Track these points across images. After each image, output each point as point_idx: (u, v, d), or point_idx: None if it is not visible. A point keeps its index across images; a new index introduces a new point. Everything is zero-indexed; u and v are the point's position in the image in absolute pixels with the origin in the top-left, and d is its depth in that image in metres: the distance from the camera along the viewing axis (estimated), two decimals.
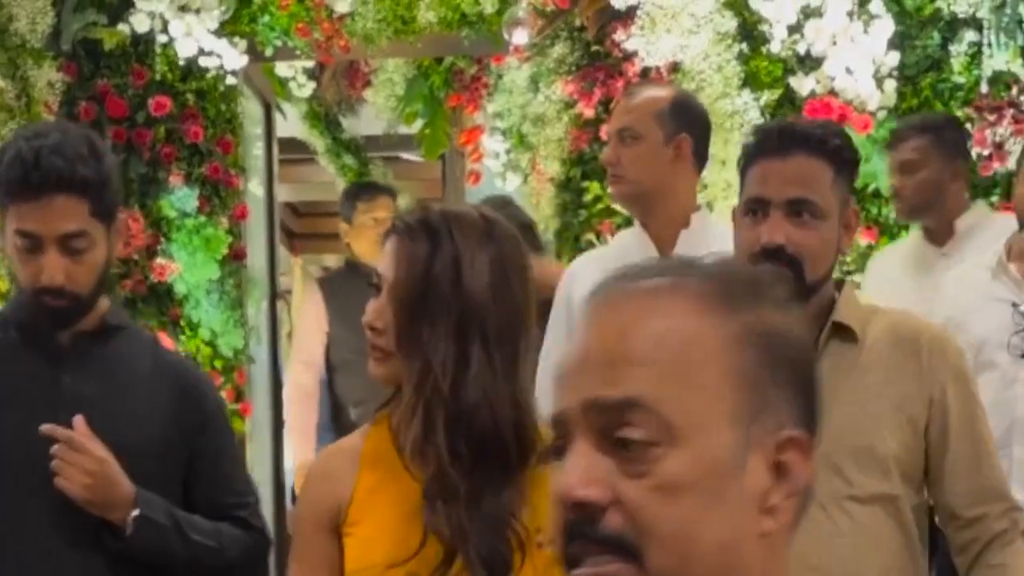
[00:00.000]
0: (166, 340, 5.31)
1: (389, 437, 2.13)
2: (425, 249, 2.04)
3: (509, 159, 6.39)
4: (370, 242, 5.67)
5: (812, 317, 2.46)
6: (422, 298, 2.05)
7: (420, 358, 2.06)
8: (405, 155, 8.45)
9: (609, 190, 4.16)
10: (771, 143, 2.44)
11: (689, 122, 3.36)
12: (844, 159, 2.51)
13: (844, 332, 2.45)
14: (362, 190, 6.31)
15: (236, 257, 5.69)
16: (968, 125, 5.13)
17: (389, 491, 2.09)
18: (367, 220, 5.99)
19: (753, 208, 2.44)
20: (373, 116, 7.29)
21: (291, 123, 7.42)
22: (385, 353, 2.10)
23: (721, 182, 5.16)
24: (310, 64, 6.90)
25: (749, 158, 2.50)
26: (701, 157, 3.42)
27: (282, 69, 7.03)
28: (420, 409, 2.07)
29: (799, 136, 2.45)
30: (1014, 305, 3.74)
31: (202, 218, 5.53)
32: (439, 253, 2.04)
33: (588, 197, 5.37)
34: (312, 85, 7.23)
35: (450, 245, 2.05)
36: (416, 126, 7.14)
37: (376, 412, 2.21)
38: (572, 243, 5.38)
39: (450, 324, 2.05)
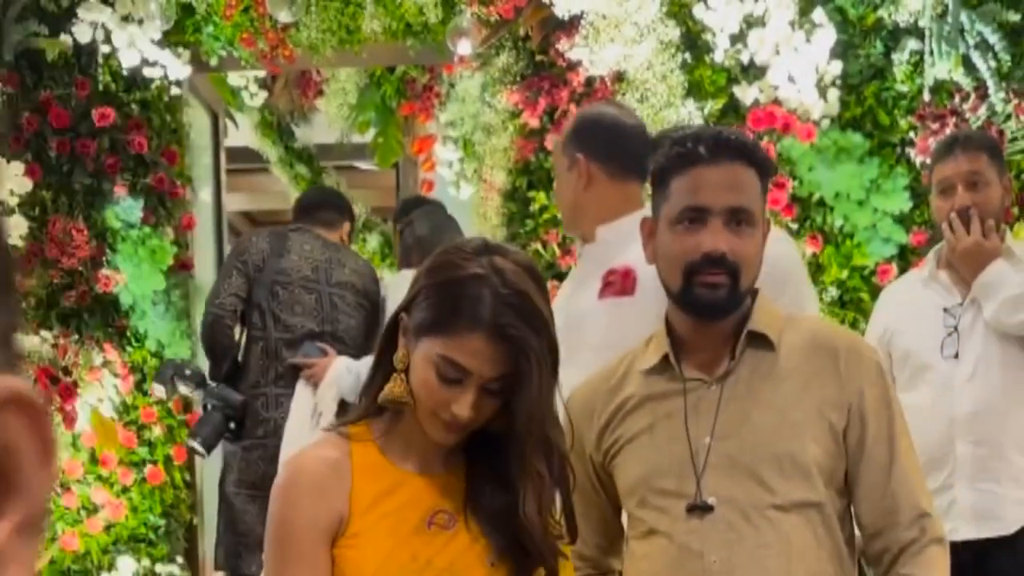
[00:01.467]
0: (111, 351, 5.32)
1: (376, 450, 2.12)
2: None
3: (462, 168, 6.40)
4: None
5: (731, 326, 2.46)
6: None
7: None
8: (359, 164, 8.44)
9: None
10: (704, 151, 2.42)
11: (583, 141, 3.29)
12: (767, 169, 2.51)
13: (761, 340, 2.44)
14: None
15: (182, 267, 5.68)
16: (911, 134, 5.19)
17: (388, 509, 2.07)
18: None
19: (691, 216, 2.42)
20: (326, 125, 7.29)
21: (244, 132, 7.41)
22: None
23: None
24: (262, 73, 6.90)
25: (677, 166, 2.46)
26: (614, 168, 3.33)
27: (233, 79, 7.03)
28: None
29: (733, 145, 2.44)
30: (945, 310, 3.80)
31: (147, 229, 5.55)
32: None
33: (534, 207, 5.40)
34: (264, 94, 7.24)
35: None
36: (369, 135, 7.13)
37: (345, 424, 2.17)
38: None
39: None
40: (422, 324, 2.03)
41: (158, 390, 5.01)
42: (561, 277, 5.16)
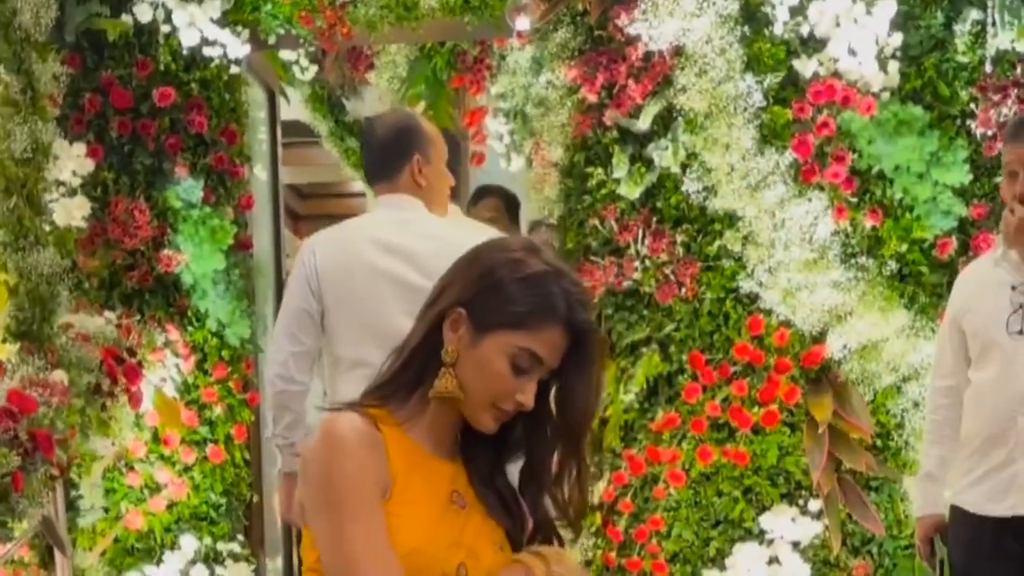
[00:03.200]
0: (172, 331, 5.37)
1: (401, 432, 2.14)
2: None
3: (513, 141, 6.36)
4: None
5: None
6: None
7: None
8: None
9: None
10: None
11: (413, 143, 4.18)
12: None
13: None
14: (474, 194, 6.24)
15: (242, 247, 5.70)
16: (972, 105, 5.16)
17: (421, 485, 2.09)
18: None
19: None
20: (376, 98, 7.26)
21: (294, 106, 7.39)
22: None
23: (724, 166, 5.17)
24: (313, 48, 6.86)
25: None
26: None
27: (285, 53, 6.97)
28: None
29: None
30: (1012, 288, 3.81)
31: (207, 208, 5.57)
32: None
33: (592, 183, 5.40)
34: (315, 68, 7.18)
35: None
36: (420, 108, 7.10)
37: (365, 406, 2.17)
38: (577, 229, 5.41)
39: None
40: (501, 319, 2.09)
41: None
42: (618, 253, 5.26)
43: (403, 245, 3.98)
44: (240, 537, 5.65)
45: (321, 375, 4.23)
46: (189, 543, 5.54)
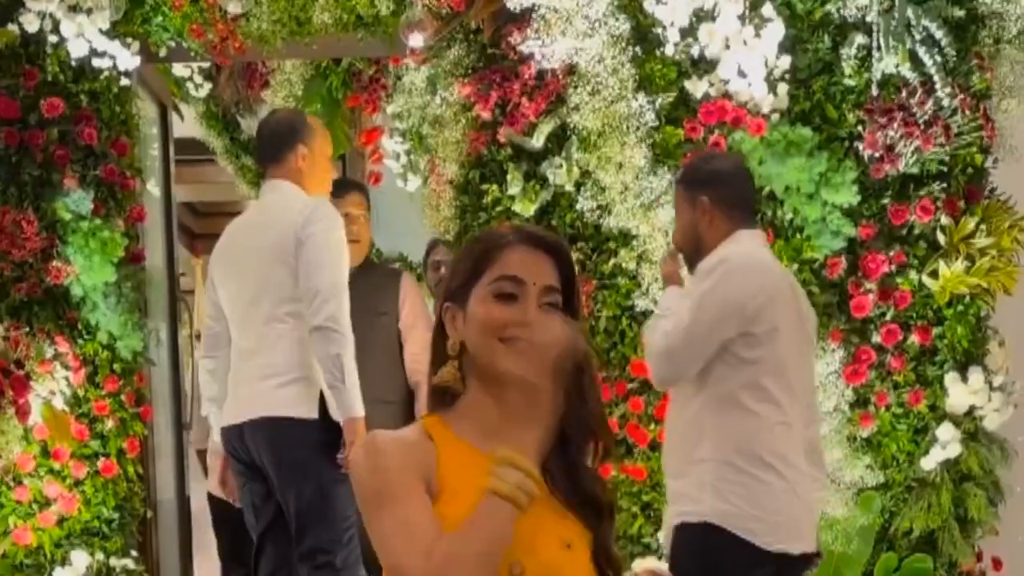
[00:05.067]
0: (62, 343, 5.30)
1: (453, 435, 2.14)
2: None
3: (409, 160, 6.37)
4: None
5: None
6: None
7: None
8: None
9: None
10: None
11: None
12: None
13: None
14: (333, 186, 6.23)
15: (134, 259, 5.63)
16: (859, 128, 5.23)
17: (470, 487, 2.01)
18: None
19: None
20: None
21: (189, 123, 7.34)
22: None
23: (618, 184, 5.21)
24: (207, 64, 6.84)
25: None
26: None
27: (178, 69, 6.98)
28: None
29: None
30: None
31: (98, 220, 5.47)
32: None
33: (487, 200, 5.42)
34: (209, 86, 7.17)
35: None
36: None
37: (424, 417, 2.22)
38: None
39: None
40: (470, 277, 2.15)
41: None
42: None
43: (263, 221, 4.60)
44: (134, 553, 5.56)
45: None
46: (80, 559, 5.44)
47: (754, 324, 3.78)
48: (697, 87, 5.25)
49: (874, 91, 5.24)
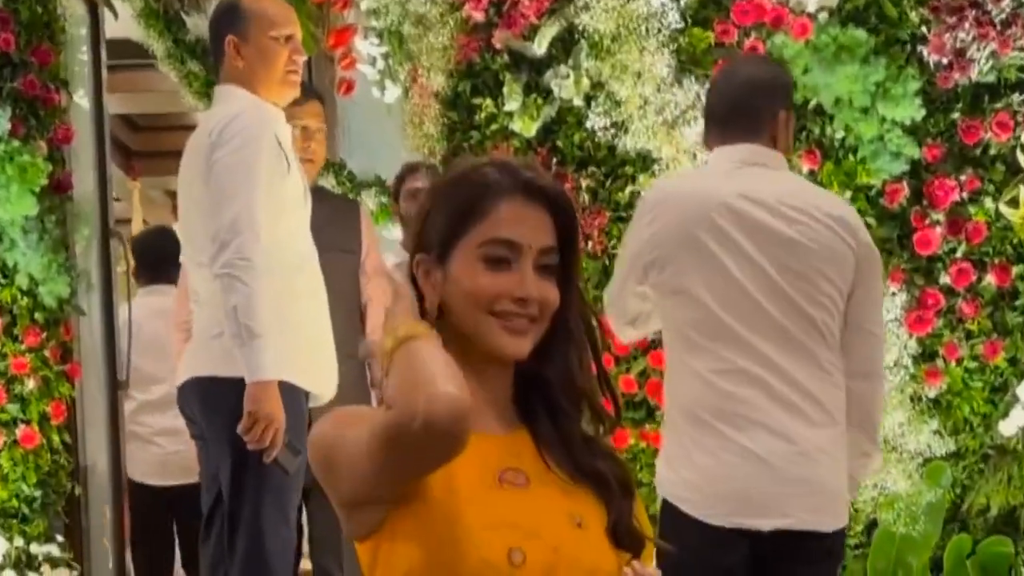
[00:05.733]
0: None
1: None
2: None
3: (388, 66, 5.91)
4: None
5: None
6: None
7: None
8: None
9: None
10: None
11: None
12: None
13: None
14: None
15: (59, 188, 5.37)
16: (923, 29, 4.97)
17: (456, 474, 1.91)
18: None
19: None
20: None
21: (124, 23, 6.67)
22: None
23: (636, 98, 4.97)
24: None
25: None
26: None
27: None
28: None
29: None
30: None
31: (16, 143, 5.20)
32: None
33: (480, 117, 5.18)
34: None
35: None
36: None
37: None
38: None
39: None
40: (452, 229, 1.98)
41: None
42: None
43: (191, 145, 4.08)
44: (59, 538, 5.33)
45: None
46: None
47: (654, 269, 3.47)
48: None
49: None
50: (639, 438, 4.97)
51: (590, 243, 4.97)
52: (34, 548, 5.21)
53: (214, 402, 4.02)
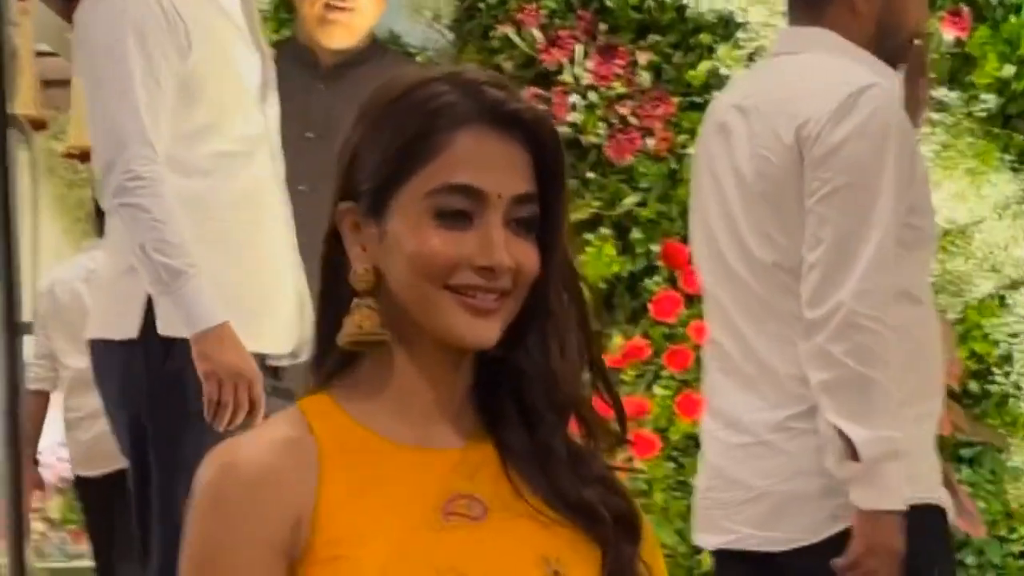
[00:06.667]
0: None
1: (348, 421, 1.68)
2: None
3: None
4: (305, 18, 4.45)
5: None
6: None
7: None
8: None
9: None
10: None
11: None
12: None
13: None
14: None
15: None
16: None
17: (380, 499, 1.63)
18: None
19: None
20: None
21: None
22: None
23: None
24: None
25: None
26: None
27: None
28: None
29: None
30: None
31: None
32: None
33: None
34: None
35: None
36: None
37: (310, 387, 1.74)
38: (479, 41, 4.97)
39: None
40: (392, 171, 1.64)
41: None
42: (544, 80, 4.79)
43: None
44: None
45: None
46: None
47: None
48: None
49: None
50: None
51: (651, 140, 4.66)
52: None
53: (105, 372, 3.69)
